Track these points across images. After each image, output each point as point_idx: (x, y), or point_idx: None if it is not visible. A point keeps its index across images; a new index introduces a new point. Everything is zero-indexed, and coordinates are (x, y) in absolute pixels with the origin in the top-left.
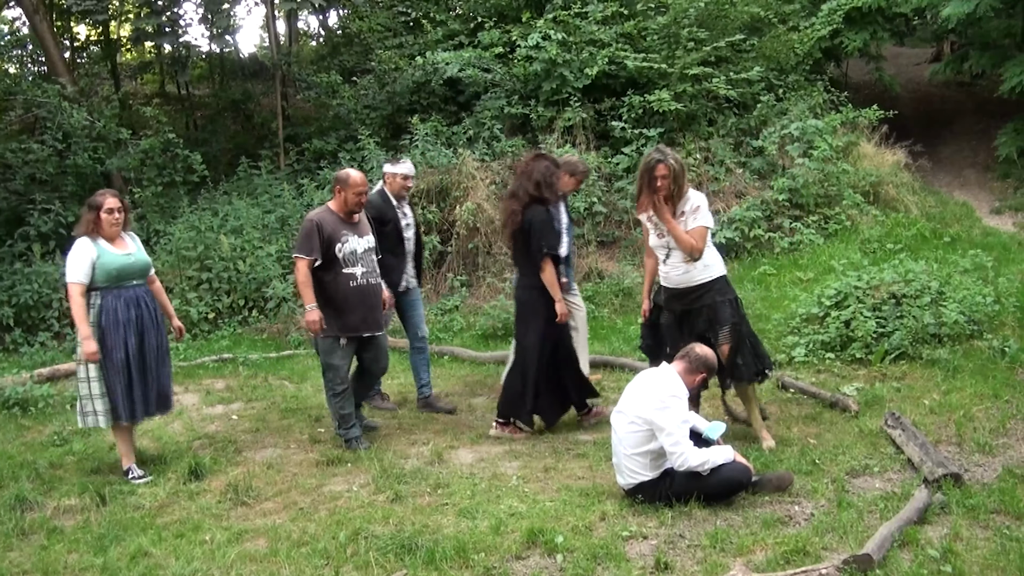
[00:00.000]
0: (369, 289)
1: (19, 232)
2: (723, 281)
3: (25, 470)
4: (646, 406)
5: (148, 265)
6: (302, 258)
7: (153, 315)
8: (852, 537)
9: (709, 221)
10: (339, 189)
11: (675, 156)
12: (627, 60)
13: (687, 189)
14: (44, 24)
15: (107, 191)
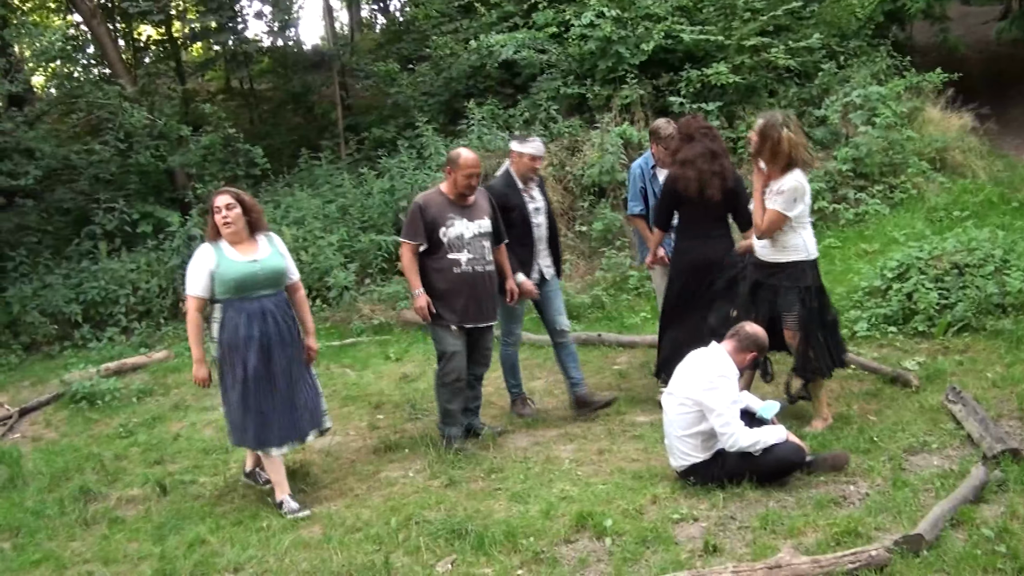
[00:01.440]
0: (476, 278)
1: (85, 231)
2: (799, 268)
3: (91, 462)
4: (695, 387)
5: (279, 272)
6: (406, 243)
7: (285, 330)
8: (906, 517)
9: (786, 208)
10: (449, 170)
11: (771, 120)
12: (683, 34)
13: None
14: (102, 28)
15: (223, 188)
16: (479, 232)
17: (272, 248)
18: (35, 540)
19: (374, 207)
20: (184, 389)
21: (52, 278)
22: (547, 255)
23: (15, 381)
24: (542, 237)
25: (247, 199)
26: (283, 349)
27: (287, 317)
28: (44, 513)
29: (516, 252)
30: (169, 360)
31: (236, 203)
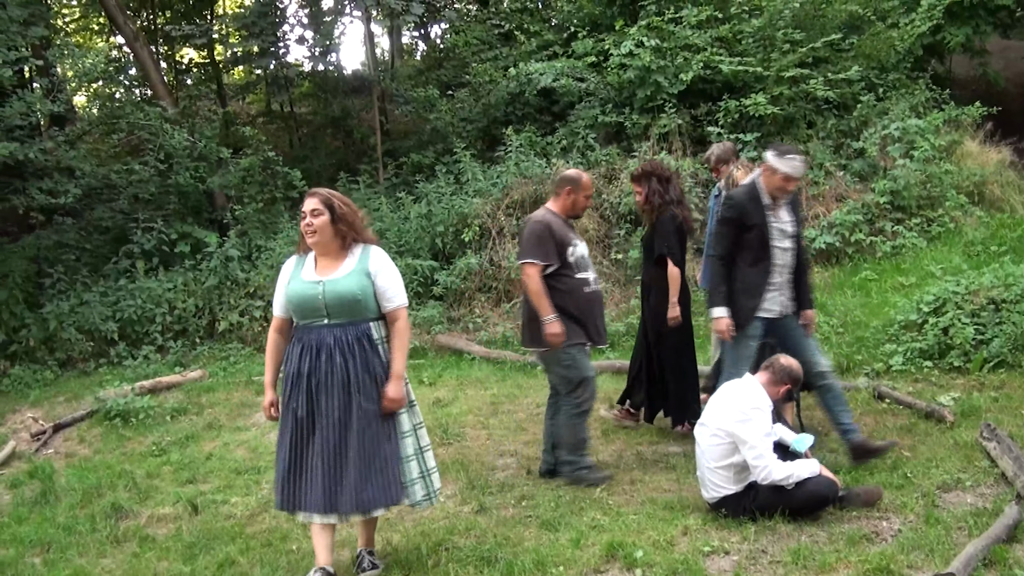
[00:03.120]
0: (599, 297)
1: (123, 249)
2: None
3: (123, 479)
4: (728, 418)
5: (347, 298)
6: (534, 264)
7: (345, 371)
8: (939, 555)
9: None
10: (569, 190)
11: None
12: (722, 64)
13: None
14: (145, 50)
15: (312, 190)
16: (585, 254)
17: (357, 266)
18: (65, 556)
19: (411, 232)
20: (218, 409)
21: (89, 296)
22: (789, 287)
23: (50, 397)
24: (785, 265)
25: (338, 204)
26: (336, 396)
27: (356, 355)
28: (75, 529)
29: (745, 275)
30: (203, 380)
31: (324, 209)
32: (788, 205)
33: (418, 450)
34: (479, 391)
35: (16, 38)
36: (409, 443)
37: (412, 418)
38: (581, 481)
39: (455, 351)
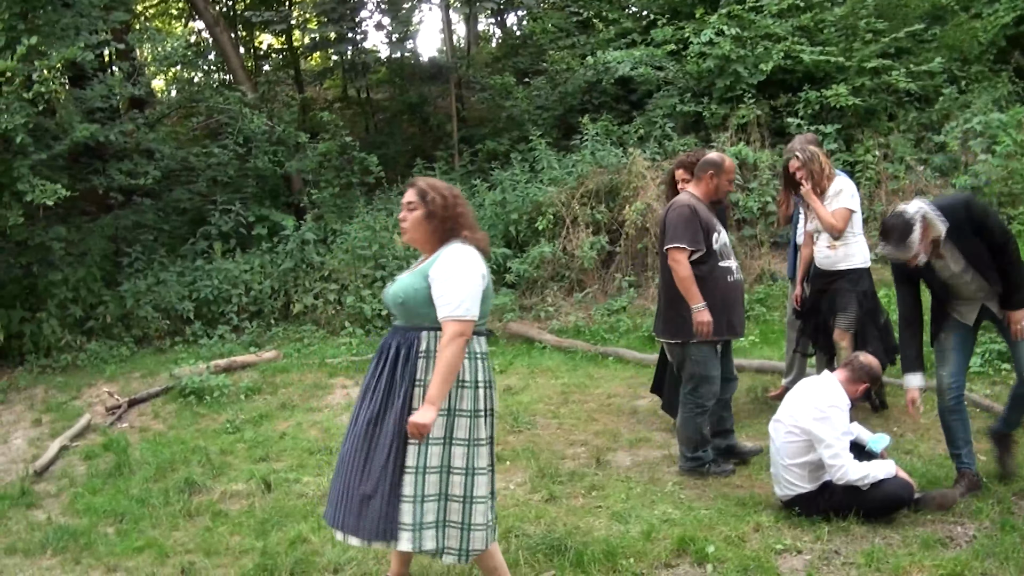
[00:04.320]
0: (741, 287)
1: (201, 231)
2: (860, 273)
3: (197, 455)
4: (804, 416)
5: (397, 299)
6: (683, 248)
7: (383, 379)
8: (1013, 563)
9: (851, 204)
10: (712, 174)
11: (803, 149)
12: (803, 54)
13: (831, 173)
14: (225, 35)
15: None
16: (727, 242)
17: (423, 267)
18: (138, 527)
19: (485, 219)
20: (291, 389)
21: (166, 275)
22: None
23: (126, 372)
24: None
25: (431, 198)
26: (367, 404)
27: (398, 364)
28: (148, 502)
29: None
30: (278, 360)
31: (418, 203)
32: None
33: (442, 495)
34: (550, 380)
35: (97, 22)
36: (432, 481)
37: (448, 456)
38: (705, 475)
39: (526, 339)
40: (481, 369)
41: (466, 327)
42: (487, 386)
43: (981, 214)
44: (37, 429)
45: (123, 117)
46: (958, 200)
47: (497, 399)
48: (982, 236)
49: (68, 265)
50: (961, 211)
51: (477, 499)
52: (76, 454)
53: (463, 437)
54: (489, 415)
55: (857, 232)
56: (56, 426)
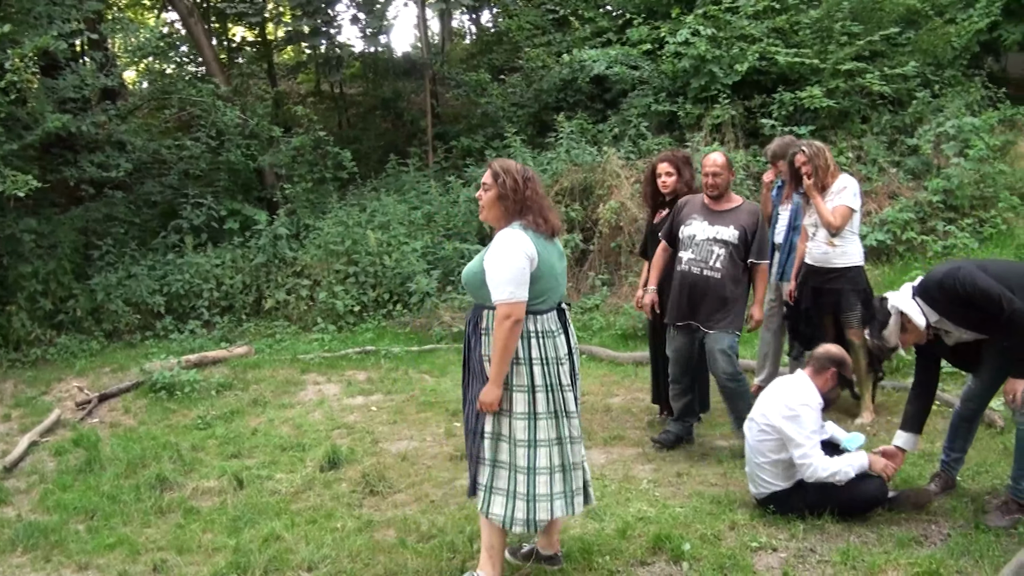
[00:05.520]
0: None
1: (172, 224)
2: (856, 272)
3: (168, 451)
4: (776, 414)
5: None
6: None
7: (464, 350)
8: (988, 562)
9: (853, 203)
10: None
11: (810, 144)
12: (778, 55)
13: (836, 171)
14: (199, 27)
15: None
16: (714, 237)
17: (486, 250)
18: (110, 524)
19: (459, 216)
20: (263, 385)
21: (137, 269)
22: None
23: (96, 367)
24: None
25: (503, 180)
26: (464, 378)
27: (470, 340)
28: (119, 498)
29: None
30: (249, 356)
31: (492, 183)
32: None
33: (494, 461)
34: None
35: (71, 11)
36: (487, 446)
37: (500, 426)
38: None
39: None
40: (536, 347)
41: (512, 308)
42: (543, 363)
43: (957, 289)
44: (6, 424)
45: (95, 108)
46: (933, 280)
47: (566, 374)
48: (974, 306)
49: (38, 258)
50: (939, 295)
51: (540, 470)
52: (46, 450)
53: (522, 411)
54: (553, 390)
55: (855, 231)
56: (25, 421)
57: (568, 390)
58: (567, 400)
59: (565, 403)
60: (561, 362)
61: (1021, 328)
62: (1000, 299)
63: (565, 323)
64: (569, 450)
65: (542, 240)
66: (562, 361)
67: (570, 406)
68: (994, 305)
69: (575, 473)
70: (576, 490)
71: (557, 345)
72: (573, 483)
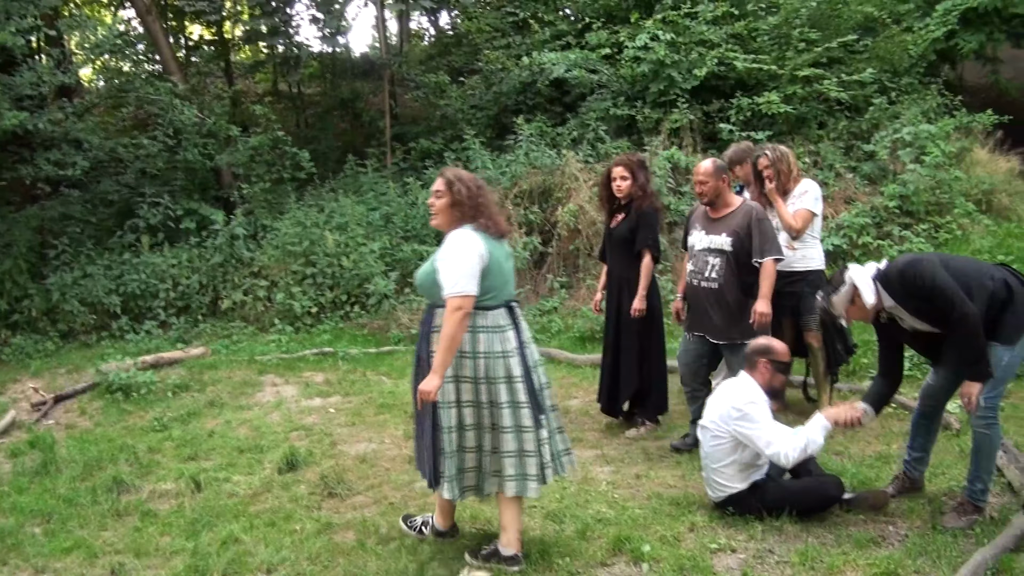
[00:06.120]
0: (695, 291)
1: (129, 224)
2: (817, 275)
3: (124, 453)
4: (726, 418)
5: (419, 281)
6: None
7: (416, 348)
8: (945, 562)
9: (814, 207)
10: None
11: (775, 147)
12: (736, 61)
13: (798, 175)
14: (156, 24)
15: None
16: (709, 247)
17: (438, 251)
18: (66, 527)
19: (418, 217)
20: (220, 386)
21: (93, 268)
22: None
23: (51, 368)
24: None
25: (458, 188)
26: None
27: (424, 337)
28: (76, 501)
29: None
30: (206, 357)
31: (445, 191)
32: None
33: (459, 448)
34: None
35: (28, 6)
36: (448, 439)
37: (457, 418)
38: None
39: None
40: (483, 341)
41: (462, 302)
42: (487, 357)
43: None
44: None
45: (51, 105)
46: (896, 269)
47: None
48: (931, 301)
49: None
50: (897, 283)
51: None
52: (1, 452)
53: (470, 399)
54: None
55: (816, 235)
56: None
57: (519, 381)
58: (517, 390)
59: (515, 393)
60: (509, 355)
61: (968, 333)
62: (953, 301)
63: (515, 319)
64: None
65: (492, 240)
66: (510, 354)
67: (520, 396)
68: (947, 305)
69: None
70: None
71: (505, 339)
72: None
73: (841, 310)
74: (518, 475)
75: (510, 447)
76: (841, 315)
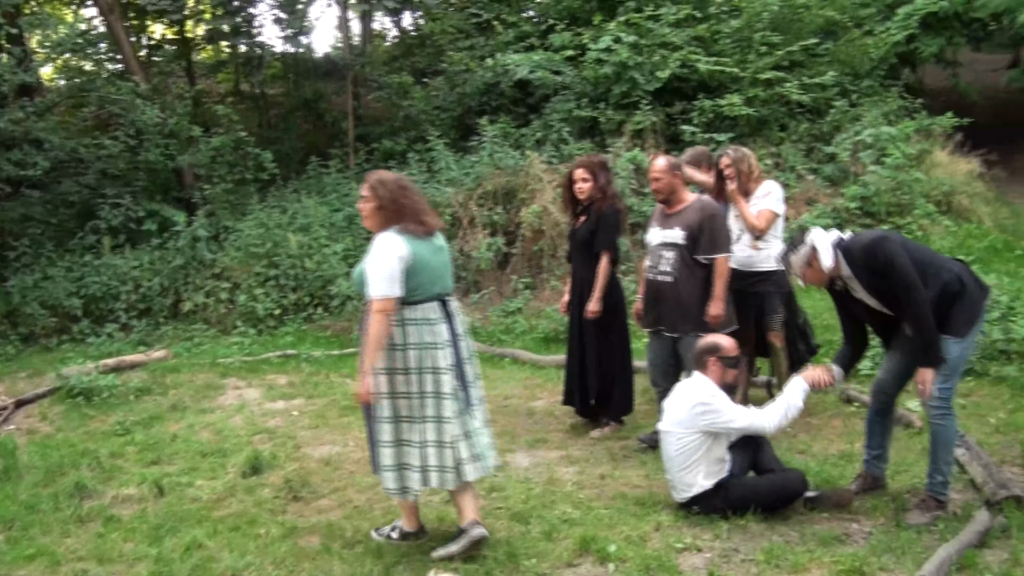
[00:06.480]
0: (653, 285)
1: (90, 225)
2: (781, 275)
3: (86, 458)
4: (692, 418)
5: (353, 283)
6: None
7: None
8: (910, 558)
9: (777, 207)
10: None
11: (737, 148)
12: (699, 63)
13: (760, 176)
14: (119, 23)
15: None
16: (663, 241)
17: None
18: (29, 534)
19: None
20: (182, 390)
21: (54, 270)
22: None
23: (11, 372)
24: None
25: (381, 192)
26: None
27: (361, 335)
28: (38, 507)
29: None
30: (168, 360)
31: (371, 196)
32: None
33: (396, 441)
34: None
35: None
36: (386, 429)
37: (394, 409)
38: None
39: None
40: (413, 333)
41: (382, 304)
42: (419, 347)
43: (877, 258)
44: None
45: (12, 105)
46: (859, 242)
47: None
48: (886, 280)
49: None
50: (859, 255)
51: (406, 442)
52: None
53: (403, 391)
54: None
55: (779, 235)
56: None
57: (445, 372)
58: (442, 382)
59: (439, 384)
60: (438, 347)
61: (919, 318)
62: (909, 287)
63: (449, 313)
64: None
65: (417, 241)
66: (439, 346)
67: (445, 388)
68: (902, 290)
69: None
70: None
71: (436, 331)
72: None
73: (797, 270)
74: (438, 467)
75: (431, 437)
76: (797, 275)
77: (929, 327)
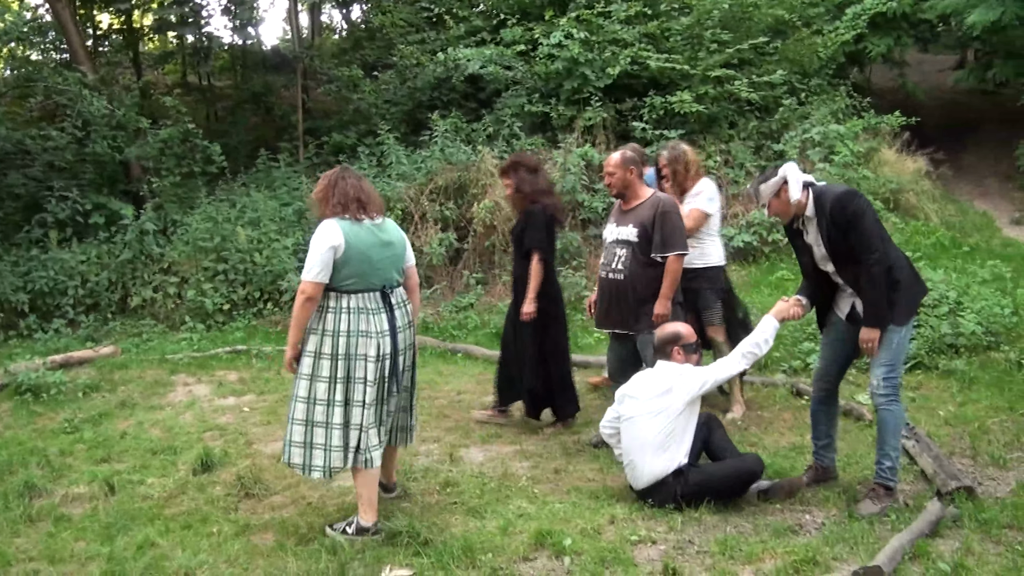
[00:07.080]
0: (606, 283)
1: (36, 218)
2: (716, 271)
3: (35, 456)
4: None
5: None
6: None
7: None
8: (863, 548)
9: (707, 207)
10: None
11: (675, 147)
12: (649, 60)
13: (697, 174)
14: (67, 12)
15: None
16: (616, 239)
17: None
18: None
19: None
20: (131, 387)
21: (0, 265)
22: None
23: None
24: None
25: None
26: None
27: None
28: None
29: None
30: (116, 356)
31: (318, 186)
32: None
33: (307, 421)
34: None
35: None
36: (299, 408)
37: (312, 390)
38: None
39: None
40: (344, 321)
41: (307, 287)
42: (348, 335)
43: (846, 211)
44: None
45: None
46: (831, 193)
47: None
48: (846, 236)
49: None
50: (827, 204)
51: (318, 423)
52: None
53: (325, 375)
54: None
55: (714, 233)
56: None
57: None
58: (368, 369)
59: (366, 371)
60: (372, 336)
61: (873, 280)
62: (871, 245)
63: (389, 304)
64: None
65: (356, 228)
66: (374, 335)
67: (370, 375)
68: (865, 249)
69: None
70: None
71: (371, 321)
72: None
73: (765, 199)
74: (341, 447)
75: (355, 420)
76: (764, 204)
77: (881, 288)
